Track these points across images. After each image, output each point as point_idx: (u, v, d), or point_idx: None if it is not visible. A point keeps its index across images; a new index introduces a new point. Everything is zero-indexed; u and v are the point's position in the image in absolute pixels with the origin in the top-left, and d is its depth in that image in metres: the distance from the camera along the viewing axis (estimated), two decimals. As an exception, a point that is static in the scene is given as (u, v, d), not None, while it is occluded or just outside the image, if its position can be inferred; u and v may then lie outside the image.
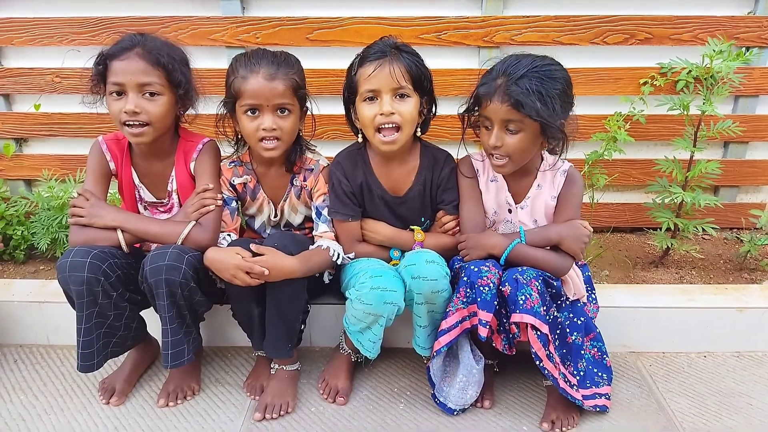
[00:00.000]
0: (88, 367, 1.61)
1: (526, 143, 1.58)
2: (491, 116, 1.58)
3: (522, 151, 1.59)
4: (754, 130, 2.35)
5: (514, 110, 1.52)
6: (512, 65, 1.54)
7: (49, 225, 2.21)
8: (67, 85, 2.37)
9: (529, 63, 1.53)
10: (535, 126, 1.55)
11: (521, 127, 1.55)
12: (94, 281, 1.54)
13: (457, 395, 1.66)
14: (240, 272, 1.55)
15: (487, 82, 1.58)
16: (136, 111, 1.57)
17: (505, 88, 1.52)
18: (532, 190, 1.72)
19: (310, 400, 1.76)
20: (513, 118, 1.54)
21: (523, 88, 1.50)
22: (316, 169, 1.81)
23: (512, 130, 1.56)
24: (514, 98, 1.51)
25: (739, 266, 2.30)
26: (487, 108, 1.57)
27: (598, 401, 1.66)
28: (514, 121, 1.55)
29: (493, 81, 1.56)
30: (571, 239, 1.63)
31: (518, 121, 1.54)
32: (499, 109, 1.54)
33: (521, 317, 1.51)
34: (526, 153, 1.61)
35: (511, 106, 1.52)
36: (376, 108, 1.63)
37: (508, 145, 1.57)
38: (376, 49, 1.64)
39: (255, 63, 1.63)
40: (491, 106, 1.56)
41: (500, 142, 1.58)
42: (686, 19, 2.21)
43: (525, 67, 1.52)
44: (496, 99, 1.54)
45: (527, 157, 1.63)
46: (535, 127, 1.55)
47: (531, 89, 1.50)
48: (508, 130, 1.57)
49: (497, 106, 1.54)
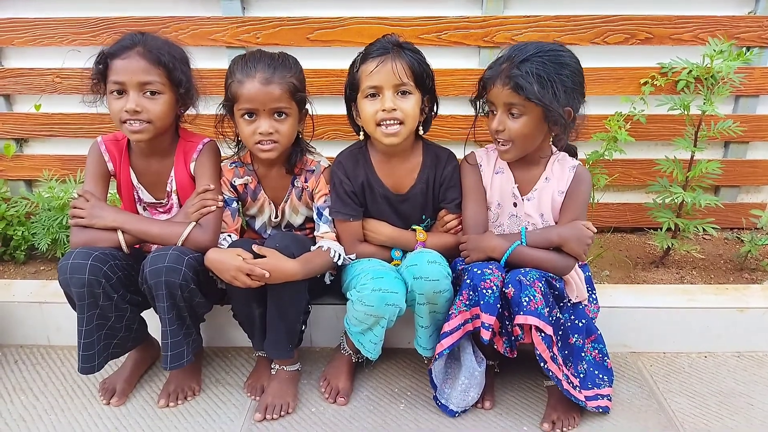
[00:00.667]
0: (89, 368, 1.61)
1: (528, 128, 1.57)
2: (495, 100, 1.58)
3: (525, 137, 1.59)
4: (755, 130, 2.35)
5: (515, 93, 1.52)
6: (518, 50, 1.55)
7: (50, 225, 2.21)
8: (68, 85, 2.37)
9: (534, 48, 1.54)
10: (538, 111, 1.54)
11: (523, 111, 1.55)
12: (95, 283, 1.53)
13: (458, 397, 1.66)
14: (240, 274, 1.55)
15: (493, 67, 1.59)
16: (137, 110, 1.57)
17: (507, 72, 1.53)
18: (540, 182, 1.71)
19: (311, 400, 1.76)
20: (515, 102, 1.54)
21: (523, 72, 1.50)
22: (317, 170, 1.80)
23: (515, 114, 1.56)
24: (514, 81, 1.51)
25: (739, 266, 2.30)
26: (492, 92, 1.58)
27: (600, 402, 1.66)
28: (516, 105, 1.55)
29: (498, 66, 1.57)
30: (573, 241, 1.63)
31: (520, 105, 1.54)
32: (501, 93, 1.55)
33: (525, 319, 1.51)
34: (529, 139, 1.61)
35: (511, 89, 1.52)
36: (377, 104, 1.63)
37: (511, 130, 1.57)
38: (378, 46, 1.64)
39: (251, 67, 1.62)
40: (494, 90, 1.57)
41: (502, 126, 1.58)
42: (687, 18, 2.21)
43: (529, 51, 1.53)
44: (499, 82, 1.55)
45: (531, 143, 1.63)
46: (537, 112, 1.55)
47: (531, 72, 1.50)
48: (511, 114, 1.57)
49: (499, 89, 1.55)
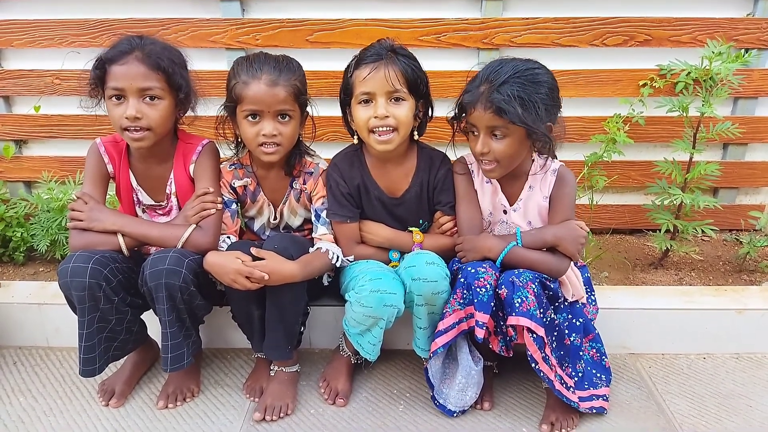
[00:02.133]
0: (90, 371, 1.61)
1: (513, 148, 1.58)
2: (476, 123, 1.59)
3: (509, 156, 1.60)
4: (753, 131, 2.35)
5: (497, 117, 1.53)
6: (494, 71, 1.55)
7: (49, 227, 2.21)
8: (67, 87, 2.37)
9: (510, 69, 1.54)
10: (521, 131, 1.55)
11: (506, 133, 1.56)
12: (95, 286, 1.53)
13: (456, 397, 1.67)
14: (240, 277, 1.55)
15: (471, 90, 1.59)
16: (137, 116, 1.56)
17: (488, 96, 1.53)
18: (524, 192, 1.73)
19: (310, 401, 1.76)
20: (497, 125, 1.55)
21: (505, 95, 1.51)
22: (315, 172, 1.81)
23: (498, 136, 1.57)
24: (496, 105, 1.51)
25: (738, 268, 2.30)
26: (472, 115, 1.58)
27: (595, 403, 1.66)
28: (499, 128, 1.56)
29: (477, 89, 1.57)
30: (567, 241, 1.63)
31: (503, 127, 1.55)
32: (483, 117, 1.55)
33: (517, 320, 1.51)
34: (514, 157, 1.62)
35: (494, 113, 1.53)
36: (370, 111, 1.63)
37: (495, 151, 1.58)
38: (372, 52, 1.64)
39: (257, 68, 1.62)
40: (475, 114, 1.57)
41: (487, 149, 1.59)
42: (685, 20, 2.21)
43: (507, 73, 1.53)
44: (480, 106, 1.55)
45: (516, 161, 1.64)
46: (520, 132, 1.56)
47: (513, 95, 1.50)
48: (494, 136, 1.58)
49: (481, 113, 1.55)
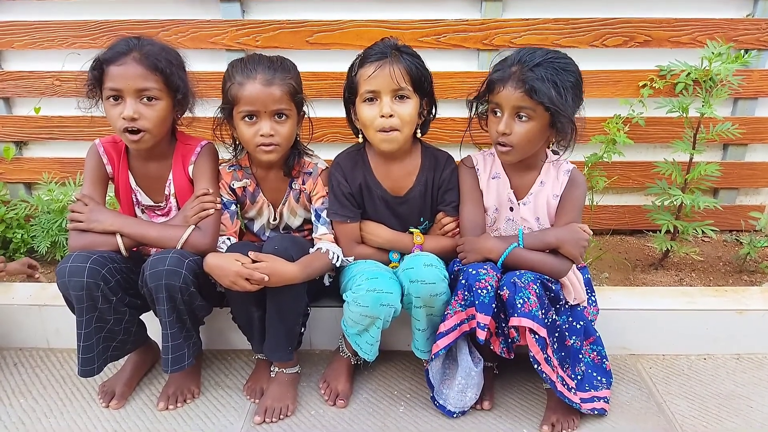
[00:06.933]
0: (89, 371, 1.61)
1: (534, 133, 1.58)
2: (503, 102, 1.57)
3: (528, 141, 1.59)
4: (753, 132, 2.36)
5: (527, 97, 1.52)
6: (528, 54, 1.55)
7: (49, 228, 2.21)
8: (67, 88, 2.37)
9: (543, 54, 1.55)
10: (546, 117, 1.55)
11: (532, 116, 1.55)
12: (93, 286, 1.53)
13: (456, 397, 1.67)
14: (240, 279, 1.55)
15: (501, 69, 1.59)
16: (134, 117, 1.57)
17: (520, 75, 1.53)
18: (535, 186, 1.72)
19: (310, 403, 1.76)
20: (525, 105, 1.54)
21: (539, 75, 1.51)
22: (314, 172, 1.81)
23: (523, 118, 1.56)
24: (530, 84, 1.51)
25: (738, 268, 2.30)
26: (500, 94, 1.57)
27: (596, 404, 1.66)
28: (526, 108, 1.55)
29: (508, 68, 1.57)
30: (570, 243, 1.63)
31: (530, 109, 1.54)
32: (511, 96, 1.54)
33: (519, 321, 1.51)
34: (531, 144, 1.61)
35: (524, 92, 1.52)
36: (375, 109, 1.64)
37: (516, 133, 1.57)
38: (376, 50, 1.64)
39: (251, 69, 1.62)
40: (504, 92, 1.56)
41: (509, 129, 1.58)
42: (685, 21, 2.21)
43: (540, 56, 1.54)
44: (510, 85, 1.54)
45: (532, 148, 1.63)
46: (545, 118, 1.55)
47: (546, 77, 1.50)
48: (518, 117, 1.57)
49: (510, 92, 1.54)
